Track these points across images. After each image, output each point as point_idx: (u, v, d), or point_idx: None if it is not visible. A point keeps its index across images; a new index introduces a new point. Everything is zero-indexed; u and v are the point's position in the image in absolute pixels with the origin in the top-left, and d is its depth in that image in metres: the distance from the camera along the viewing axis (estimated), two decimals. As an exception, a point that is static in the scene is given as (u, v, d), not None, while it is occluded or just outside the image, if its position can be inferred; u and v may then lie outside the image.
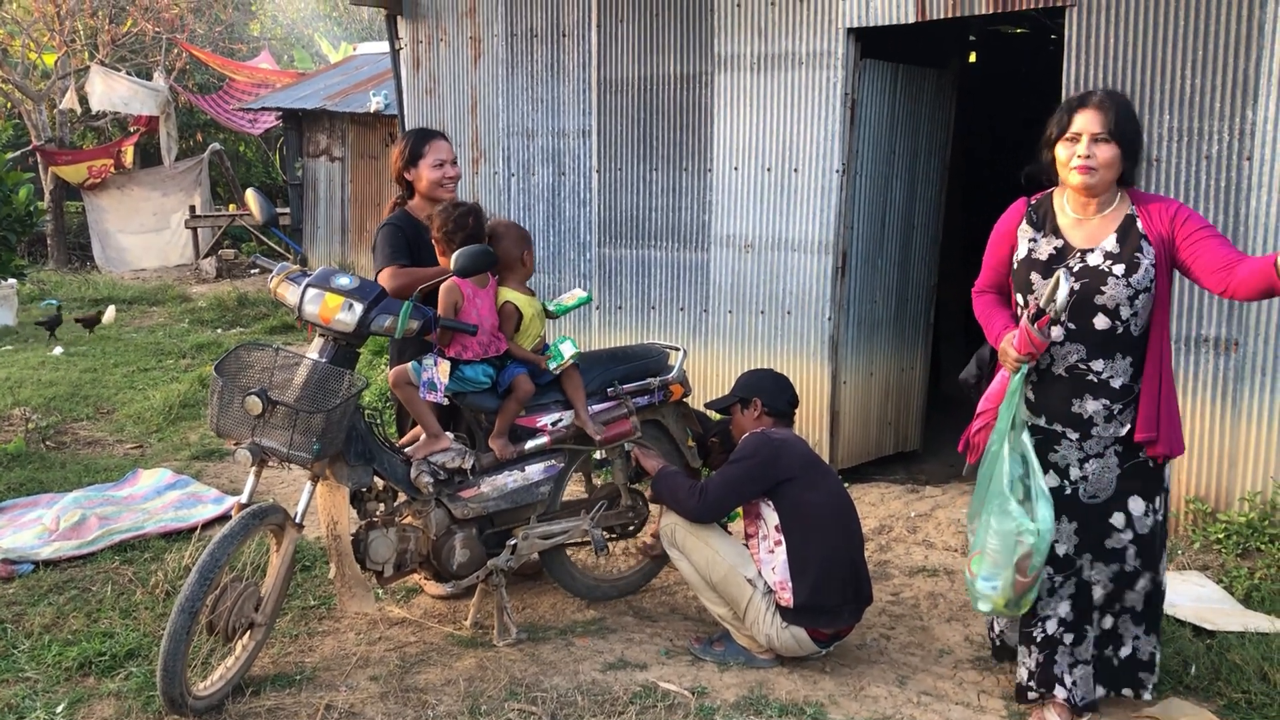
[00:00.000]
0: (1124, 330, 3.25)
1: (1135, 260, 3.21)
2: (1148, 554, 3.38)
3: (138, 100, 17.38)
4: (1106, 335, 3.26)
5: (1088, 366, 3.30)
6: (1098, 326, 3.26)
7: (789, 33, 5.97)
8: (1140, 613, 3.43)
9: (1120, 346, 3.27)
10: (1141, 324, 3.26)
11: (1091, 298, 3.24)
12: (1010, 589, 3.23)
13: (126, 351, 9.99)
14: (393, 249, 4.32)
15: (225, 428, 3.60)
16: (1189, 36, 4.85)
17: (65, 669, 3.81)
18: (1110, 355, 3.27)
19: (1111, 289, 3.22)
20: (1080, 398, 3.32)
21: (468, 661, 3.95)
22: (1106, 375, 3.28)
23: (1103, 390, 3.29)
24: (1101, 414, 3.30)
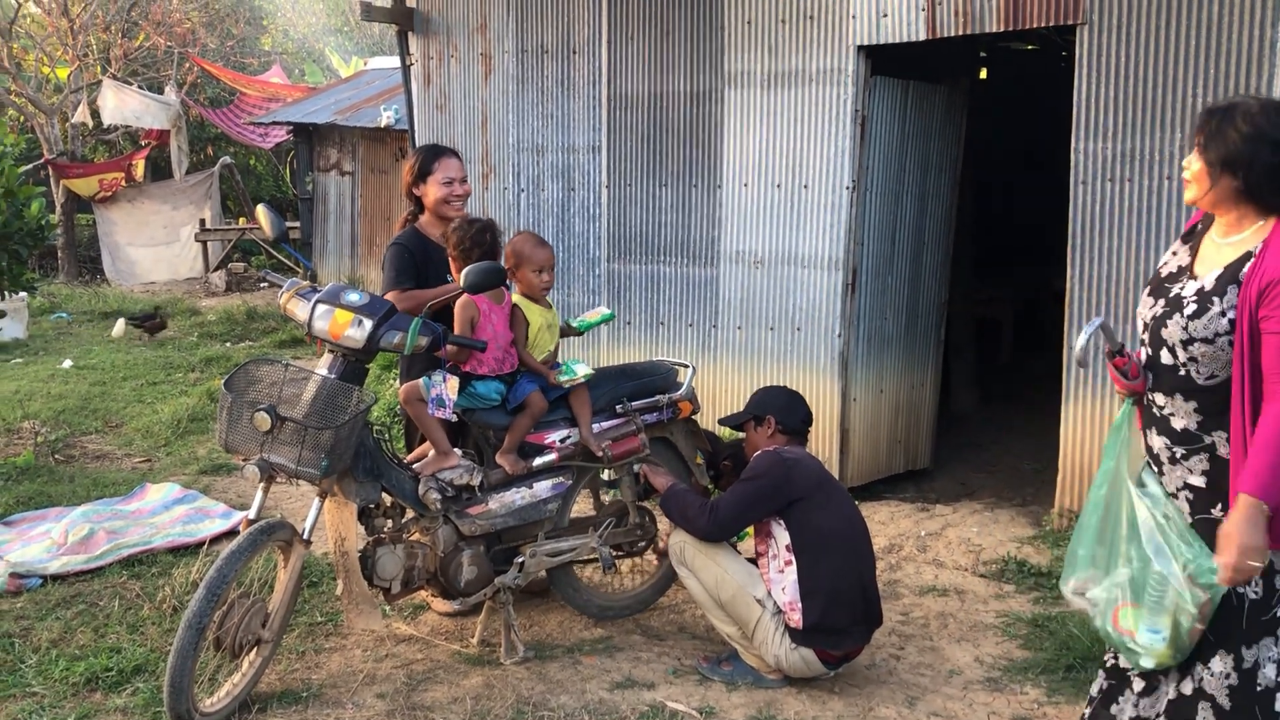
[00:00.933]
0: (1185, 373, 2.89)
1: (1209, 305, 2.82)
2: (1221, 627, 2.92)
3: (149, 114, 17.45)
4: (1166, 371, 2.94)
5: (1153, 398, 3.01)
6: (1163, 360, 2.95)
7: (800, 50, 5.97)
8: (1228, 711, 2.94)
9: (1180, 387, 2.92)
10: (1205, 374, 2.86)
11: (1160, 329, 2.94)
12: (1186, 637, 2.89)
13: (136, 365, 10.01)
14: (397, 272, 4.33)
15: (234, 443, 3.59)
16: (1201, 54, 4.84)
17: (72, 684, 3.81)
18: (1170, 393, 2.95)
19: (1172, 325, 2.89)
20: (1149, 429, 3.04)
21: (475, 679, 3.93)
22: (1168, 411, 2.96)
23: (1164, 427, 2.98)
24: (1165, 453, 2.99)
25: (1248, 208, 2.83)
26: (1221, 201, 2.86)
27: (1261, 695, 2.94)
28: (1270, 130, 2.76)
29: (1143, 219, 5.06)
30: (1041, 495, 6.07)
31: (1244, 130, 2.77)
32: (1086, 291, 5.23)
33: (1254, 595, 2.91)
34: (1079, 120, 5.19)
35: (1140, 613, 2.94)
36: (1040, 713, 3.74)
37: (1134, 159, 5.06)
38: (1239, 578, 2.74)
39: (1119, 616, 3.00)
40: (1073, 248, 5.26)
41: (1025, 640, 4.32)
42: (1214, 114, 2.84)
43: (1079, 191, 5.22)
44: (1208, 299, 2.83)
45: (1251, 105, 2.80)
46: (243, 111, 18.68)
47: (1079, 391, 5.26)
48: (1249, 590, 2.90)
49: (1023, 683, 3.96)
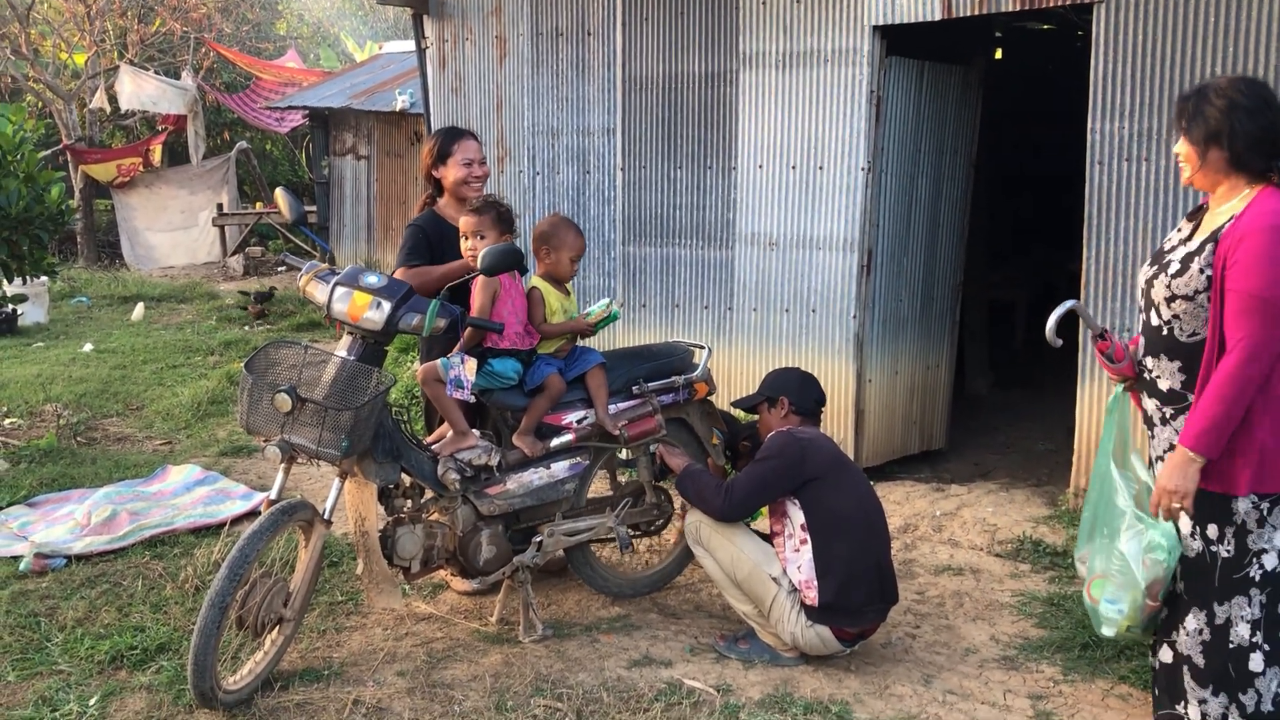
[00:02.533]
0: (1168, 332, 3.10)
1: (1190, 263, 3.04)
2: (1195, 585, 3.12)
3: (166, 99, 17.50)
4: (1154, 332, 3.14)
5: (1142, 363, 3.22)
6: (1151, 322, 3.16)
7: (814, 30, 5.96)
8: (1202, 669, 3.13)
9: (1165, 348, 3.13)
10: (1187, 330, 3.06)
11: (1150, 291, 3.15)
12: (1139, 612, 3.13)
13: (155, 348, 10.09)
14: (409, 250, 4.38)
15: (255, 425, 3.63)
16: (1218, 33, 4.81)
17: (97, 662, 3.87)
18: (1156, 354, 3.15)
19: (1158, 284, 3.10)
20: (1143, 394, 3.25)
21: (494, 657, 3.98)
22: (1155, 374, 3.17)
23: (1153, 389, 3.19)
24: (1156, 414, 3.20)
25: (1238, 177, 3.04)
26: (1214, 176, 3.06)
27: (1234, 652, 3.10)
28: (1243, 99, 2.97)
29: (1159, 199, 5.04)
30: (1056, 476, 6.08)
31: (1219, 104, 2.98)
32: (1102, 272, 5.22)
33: (1226, 554, 3.07)
34: (1095, 100, 5.17)
35: (1107, 584, 3.19)
36: (1056, 691, 3.76)
37: (1151, 138, 5.04)
38: (1165, 513, 3.04)
39: (1091, 586, 3.26)
40: (1089, 228, 5.25)
41: (1041, 619, 4.34)
42: (1188, 98, 3.07)
43: (1095, 172, 5.20)
44: (1190, 258, 3.04)
45: (1220, 81, 3.04)
46: (259, 96, 18.71)
47: (1094, 372, 5.25)
48: (1221, 549, 3.06)
49: (1038, 661, 3.98)
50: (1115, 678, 3.81)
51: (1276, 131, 2.99)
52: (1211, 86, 3.04)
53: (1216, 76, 3.11)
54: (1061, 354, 4.28)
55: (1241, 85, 3.02)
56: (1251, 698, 3.11)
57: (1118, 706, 3.63)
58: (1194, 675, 3.15)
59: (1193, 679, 3.15)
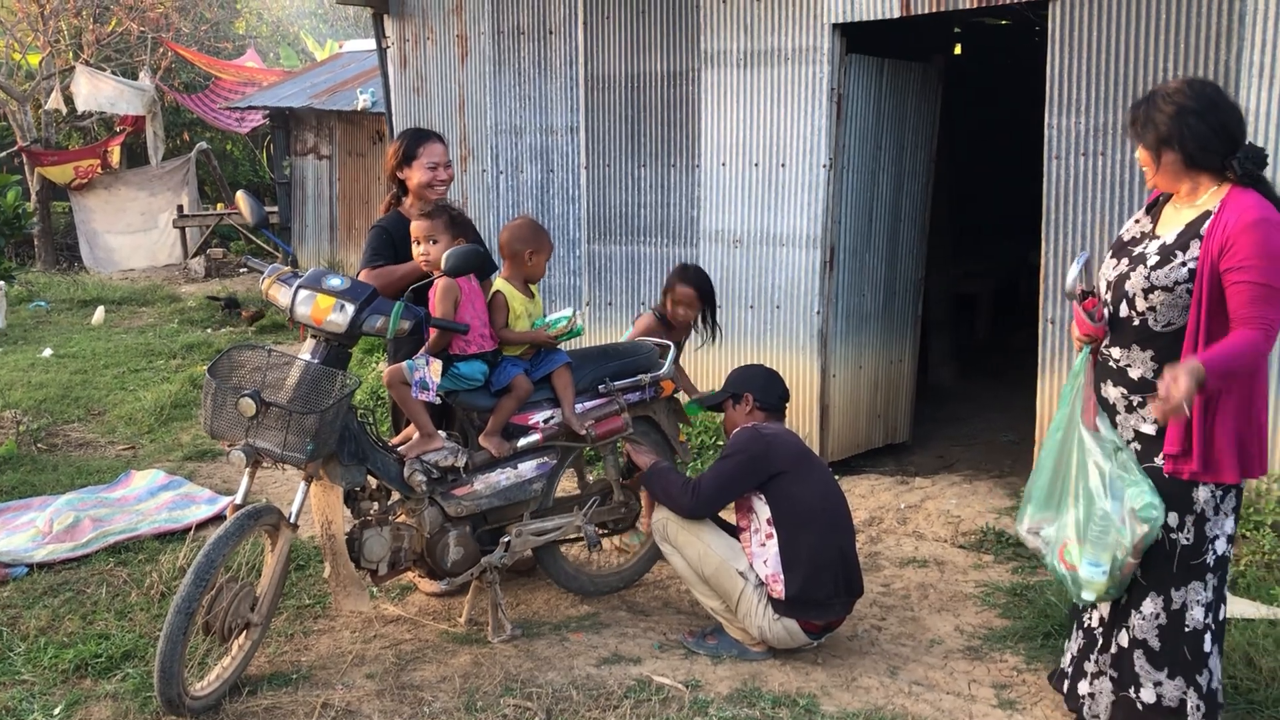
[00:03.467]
0: (1140, 323, 3.15)
1: (1171, 256, 3.09)
2: (1153, 571, 3.18)
3: (123, 100, 17.29)
4: (1124, 324, 3.19)
5: (1108, 352, 3.25)
6: (1120, 314, 3.20)
7: (775, 29, 5.99)
8: (1158, 652, 3.21)
9: (1137, 338, 3.17)
10: (1162, 321, 3.12)
11: (1123, 284, 3.18)
12: (1119, 571, 3.13)
13: (116, 352, 9.98)
14: (372, 251, 4.39)
15: (219, 429, 3.62)
16: (1171, 29, 4.89)
17: (62, 671, 3.83)
18: (1126, 345, 3.19)
19: (1135, 277, 3.14)
20: (1104, 381, 3.27)
21: (463, 658, 3.98)
22: (1124, 363, 3.20)
23: (1120, 378, 3.22)
24: (1121, 402, 3.22)
25: (1200, 177, 3.12)
26: (1173, 177, 3.14)
27: (1189, 635, 3.19)
28: (1190, 102, 3.06)
29: (1115, 192, 5.12)
30: (1019, 467, 6.15)
31: (1168, 110, 3.07)
32: (1061, 264, 5.28)
33: (1185, 541, 3.16)
34: (1052, 95, 5.24)
35: (1084, 548, 3.17)
36: (1020, 679, 3.82)
37: (1106, 133, 5.11)
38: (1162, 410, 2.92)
39: (1064, 552, 3.25)
40: (1047, 222, 5.32)
41: (1004, 609, 4.40)
42: (1139, 105, 3.15)
43: (1052, 166, 5.27)
44: (1170, 251, 3.10)
45: (1169, 86, 3.12)
46: (218, 96, 18.54)
47: (1055, 364, 5.32)
48: (1181, 536, 3.16)
49: (1002, 650, 4.04)
50: (1077, 665, 3.87)
51: (1228, 130, 3.07)
52: (1160, 92, 3.12)
53: (1166, 81, 3.19)
54: (1022, 345, 4.35)
55: (1188, 88, 3.09)
56: (1205, 677, 3.20)
57: (1080, 694, 3.69)
58: (1149, 658, 3.21)
59: (1148, 662, 3.21)
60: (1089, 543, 3.16)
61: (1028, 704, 3.64)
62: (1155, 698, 3.21)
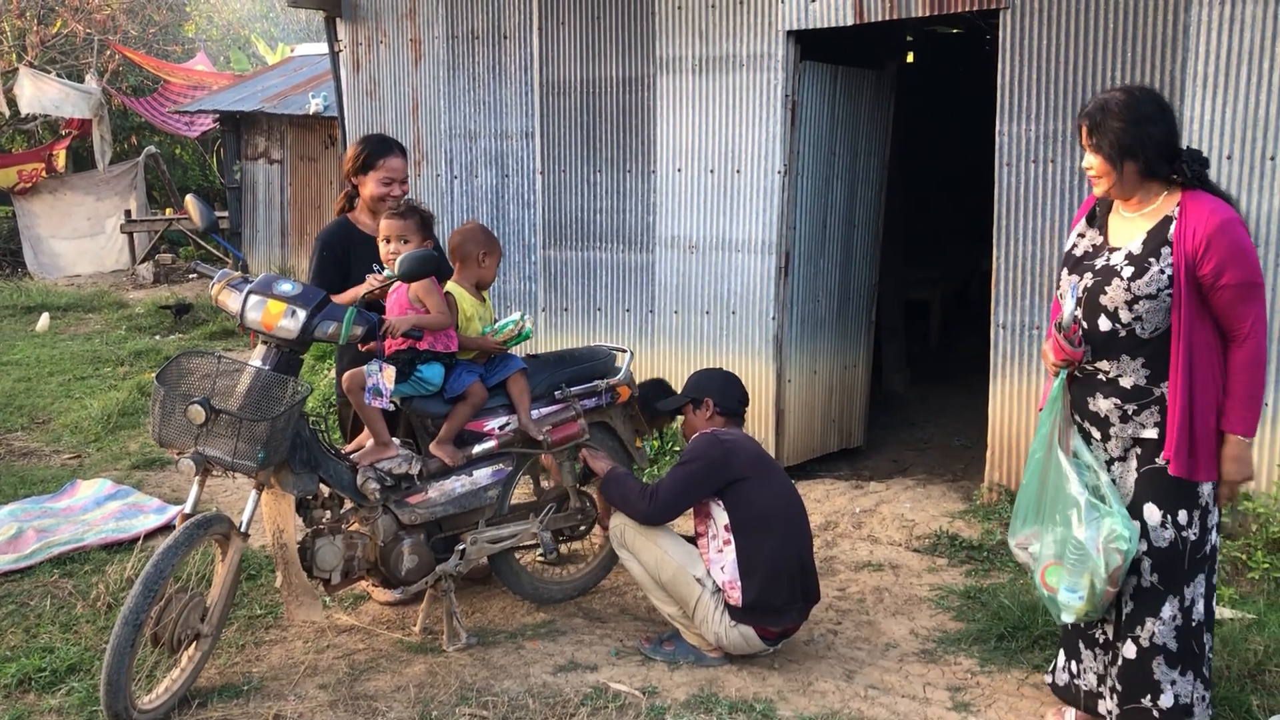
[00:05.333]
0: (1127, 334, 3.14)
1: (1146, 265, 3.09)
2: (1168, 573, 3.16)
3: (69, 103, 16.98)
4: (1108, 337, 3.17)
5: (1095, 366, 3.22)
6: (1101, 328, 3.18)
7: (729, 35, 6.01)
8: (1175, 653, 3.17)
9: (1125, 348, 3.16)
10: (1150, 328, 3.12)
11: (1097, 297, 3.16)
12: (1100, 598, 3.12)
13: (62, 360, 9.78)
14: (315, 275, 4.28)
15: (168, 437, 3.55)
16: (1119, 39, 4.97)
17: (4, 686, 3.75)
18: (1115, 356, 3.18)
19: (1112, 290, 3.13)
20: (1093, 395, 3.24)
21: (418, 667, 3.94)
22: (1115, 374, 3.19)
23: (1112, 389, 3.20)
24: (1115, 413, 3.19)
25: (1150, 185, 3.16)
26: (1130, 186, 3.16)
27: (1195, 629, 3.20)
28: (1146, 113, 3.10)
29: (1065, 199, 5.19)
30: (971, 471, 6.21)
31: (1127, 118, 3.09)
32: (1013, 271, 5.35)
33: (1193, 536, 3.16)
34: (1002, 103, 5.30)
35: (1061, 572, 3.18)
36: (974, 681, 3.85)
37: (1056, 140, 5.18)
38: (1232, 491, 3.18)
39: (1045, 574, 3.24)
40: (998, 229, 5.38)
41: (958, 612, 4.43)
42: (1092, 114, 3.15)
43: (1003, 173, 5.33)
44: (1143, 261, 3.11)
45: (1119, 96, 3.14)
46: (167, 100, 18.27)
47: (1006, 369, 5.38)
48: (1190, 533, 3.16)
49: (956, 653, 4.07)
50: (1030, 667, 3.91)
51: (1174, 136, 3.15)
52: (1113, 101, 3.13)
53: (1110, 91, 3.19)
54: (974, 350, 4.39)
55: (1141, 96, 3.13)
56: (1205, 666, 3.22)
57: (1032, 695, 3.73)
58: (1168, 661, 3.17)
59: (1167, 666, 3.17)
60: (1066, 568, 3.16)
61: (982, 706, 3.67)
62: (1173, 700, 3.17)
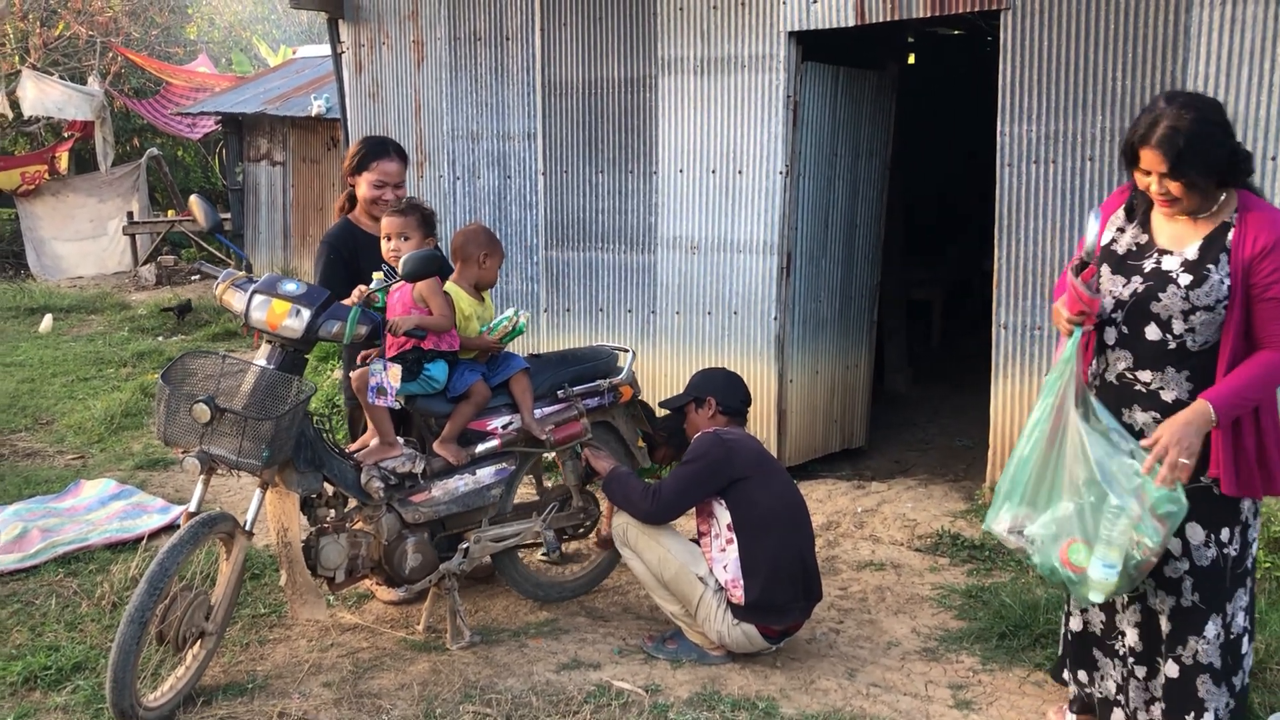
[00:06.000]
0: (1177, 345, 2.96)
1: (1205, 273, 2.90)
2: (1211, 592, 3.03)
3: (72, 105, 17.01)
4: (1155, 347, 2.98)
5: (1134, 376, 3.04)
6: (1147, 336, 2.98)
7: (731, 36, 6.02)
8: (1220, 670, 3.04)
9: (1172, 360, 2.98)
10: (1201, 340, 2.95)
11: (1148, 304, 2.96)
12: (1136, 570, 2.90)
13: (65, 361, 9.81)
14: (321, 280, 4.29)
15: (173, 436, 3.57)
16: (1120, 40, 4.98)
17: (10, 684, 3.76)
18: (1159, 367, 2.99)
19: (1168, 298, 2.93)
20: (1129, 407, 3.05)
21: (421, 666, 3.96)
22: (1155, 386, 3.01)
23: (1151, 401, 3.02)
24: (1153, 426, 3.00)
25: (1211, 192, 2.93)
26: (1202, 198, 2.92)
27: (1235, 643, 3.10)
28: (1222, 129, 2.87)
29: (1067, 199, 5.20)
30: (973, 471, 6.22)
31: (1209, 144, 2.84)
32: (1014, 272, 5.36)
33: (1234, 552, 3.04)
34: (1004, 104, 5.31)
35: (1095, 548, 2.91)
36: (975, 680, 3.86)
37: (1057, 141, 5.19)
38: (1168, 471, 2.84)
39: (1069, 553, 2.96)
40: (1000, 229, 5.39)
41: (960, 611, 4.45)
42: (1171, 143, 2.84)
43: (1005, 174, 5.35)
44: (1201, 268, 2.92)
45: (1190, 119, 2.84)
46: (169, 102, 18.30)
47: (1008, 368, 5.39)
48: (1231, 549, 3.03)
49: (958, 652, 4.08)
50: (1031, 665, 3.92)
51: None
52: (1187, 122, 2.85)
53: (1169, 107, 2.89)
54: (976, 350, 4.39)
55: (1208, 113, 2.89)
56: (1240, 678, 3.13)
57: (1034, 693, 3.74)
58: (1214, 679, 3.06)
59: (1213, 684, 3.06)
60: (1102, 542, 2.90)
61: (984, 704, 3.68)
62: (1214, 717, 3.08)
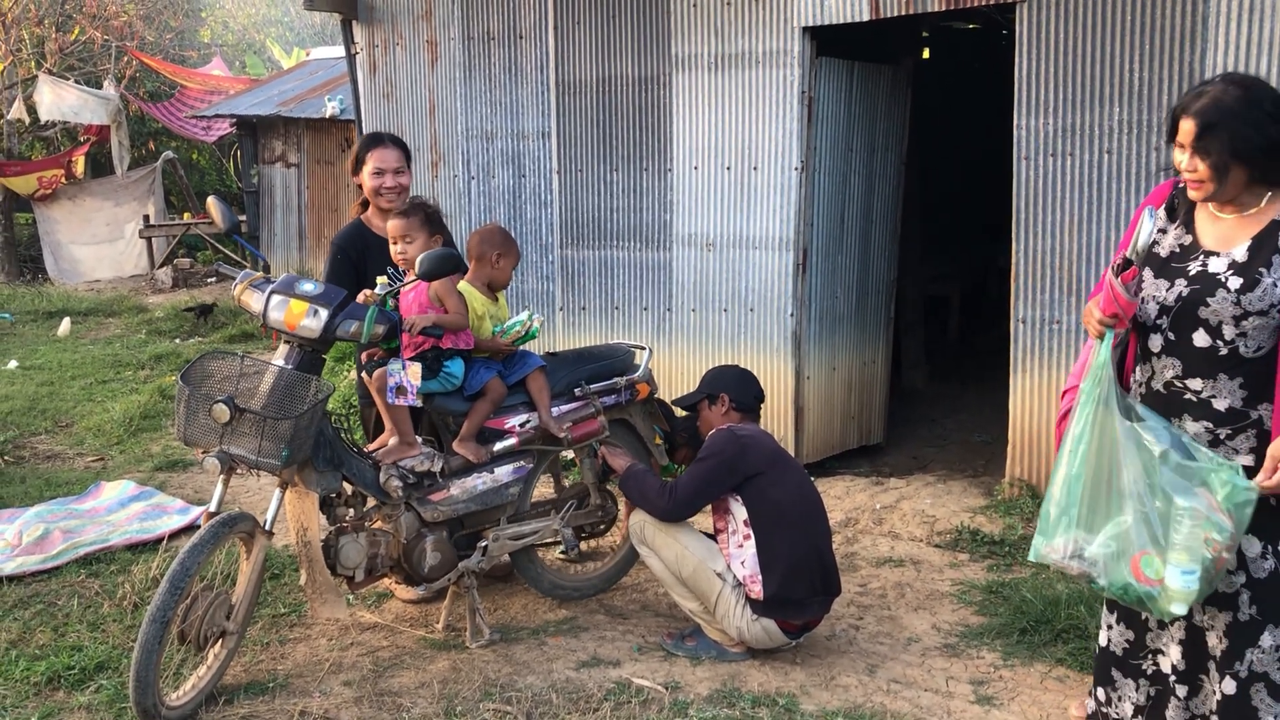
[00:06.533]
0: (1229, 352, 2.82)
1: (1257, 276, 2.77)
2: (1269, 604, 2.89)
3: (88, 109, 17.12)
4: (1206, 354, 2.85)
5: (1184, 384, 2.89)
6: (1196, 343, 2.85)
7: (745, 32, 6.01)
8: (1276, 683, 2.90)
9: (1224, 367, 2.84)
10: (1254, 346, 2.82)
11: (1195, 309, 2.83)
12: (1213, 571, 2.74)
13: (84, 364, 9.87)
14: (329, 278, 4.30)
15: (193, 437, 3.58)
16: (1136, 31, 4.95)
17: (34, 684, 3.78)
18: (1210, 375, 2.85)
19: (1217, 303, 2.80)
20: (1178, 417, 2.90)
21: (441, 664, 3.96)
22: (1207, 395, 2.87)
23: (1203, 411, 2.88)
24: (1205, 437, 2.87)
25: (1255, 188, 2.84)
26: (1230, 191, 2.83)
27: None
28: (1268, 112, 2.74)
29: (1084, 192, 5.17)
30: (992, 466, 6.19)
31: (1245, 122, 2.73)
32: (1032, 265, 5.33)
33: None
34: (1020, 97, 5.29)
35: (1169, 556, 2.75)
36: (996, 675, 3.84)
37: (1074, 134, 5.16)
38: None
39: (1140, 566, 2.78)
40: (1017, 223, 5.37)
41: (980, 606, 4.43)
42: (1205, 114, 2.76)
43: (1022, 167, 5.32)
44: (1252, 271, 2.79)
45: (1235, 94, 2.76)
46: (184, 105, 18.40)
47: (1026, 363, 5.37)
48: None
49: (979, 647, 4.07)
50: (1053, 660, 3.90)
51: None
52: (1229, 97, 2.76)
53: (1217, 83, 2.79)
54: (994, 345, 4.37)
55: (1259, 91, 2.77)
56: None
57: (1055, 688, 3.72)
58: (1270, 691, 2.92)
59: (1269, 696, 2.92)
60: (1176, 549, 2.74)
61: (1005, 699, 3.66)
62: None
